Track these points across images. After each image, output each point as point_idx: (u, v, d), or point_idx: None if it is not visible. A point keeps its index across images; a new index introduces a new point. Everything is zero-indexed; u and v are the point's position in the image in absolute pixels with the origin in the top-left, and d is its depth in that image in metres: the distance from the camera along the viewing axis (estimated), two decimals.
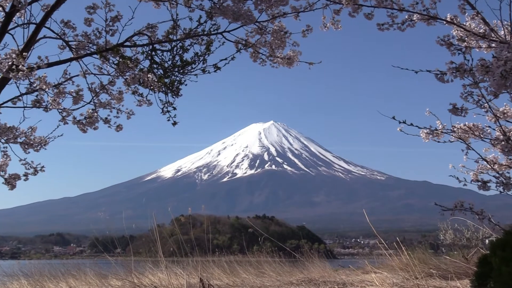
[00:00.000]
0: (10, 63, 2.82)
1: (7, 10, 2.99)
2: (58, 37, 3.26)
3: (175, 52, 3.24)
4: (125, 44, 3.25)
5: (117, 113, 3.41)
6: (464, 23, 3.08)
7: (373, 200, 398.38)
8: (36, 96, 3.13)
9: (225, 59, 3.23)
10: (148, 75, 3.25)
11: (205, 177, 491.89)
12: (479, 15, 3.05)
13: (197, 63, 3.25)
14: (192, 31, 3.22)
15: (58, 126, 3.31)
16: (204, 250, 9.54)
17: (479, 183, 3.39)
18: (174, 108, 3.36)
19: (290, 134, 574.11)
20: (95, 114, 3.34)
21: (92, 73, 3.31)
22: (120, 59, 3.20)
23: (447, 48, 3.03)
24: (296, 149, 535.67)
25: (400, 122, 3.32)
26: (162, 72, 3.29)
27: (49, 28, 3.20)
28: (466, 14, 3.07)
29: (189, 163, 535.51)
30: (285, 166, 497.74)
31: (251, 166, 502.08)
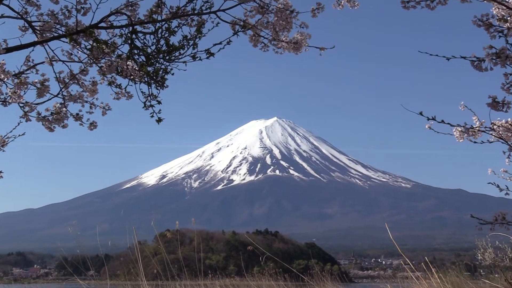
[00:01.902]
0: None
1: None
2: (18, 16, 3.24)
3: (159, 35, 3.22)
4: (99, 25, 3.23)
5: (91, 108, 3.38)
6: (507, 0, 3.06)
7: (397, 212, 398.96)
8: None
9: (220, 43, 3.21)
10: (128, 63, 3.23)
11: (195, 184, 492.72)
12: None
13: (186, 48, 3.22)
14: (180, 10, 3.20)
15: (19, 124, 3.29)
16: (195, 272, 9.56)
17: None
18: (159, 102, 3.34)
19: (298, 133, 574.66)
20: (64, 109, 3.32)
21: (60, 60, 3.29)
22: (94, 43, 3.19)
23: (485, 30, 3.01)
24: (304, 151, 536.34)
25: (428, 119, 3.31)
26: (144, 59, 3.27)
27: (7, 6, 3.18)
28: None
29: (176, 167, 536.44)
30: (291, 171, 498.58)
31: (250, 172, 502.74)
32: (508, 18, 3.02)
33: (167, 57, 3.25)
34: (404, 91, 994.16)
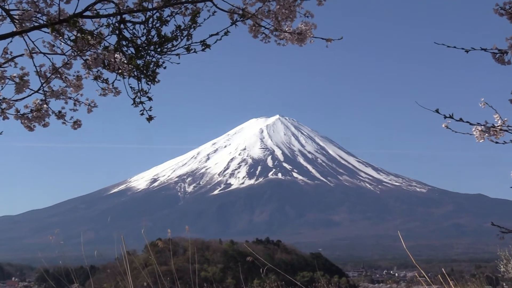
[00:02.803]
0: None
1: None
2: None
3: (150, 25, 3.21)
4: (84, 14, 3.22)
5: (75, 105, 3.37)
6: None
7: (411, 220, 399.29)
8: None
9: (216, 34, 3.20)
10: (115, 55, 3.22)
11: (189, 189, 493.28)
12: None
13: (179, 40, 3.21)
14: None
15: None
16: (189, 285, 9.57)
17: None
18: (150, 99, 3.33)
19: (302, 133, 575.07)
20: (45, 106, 3.30)
21: (41, 52, 3.28)
22: (79, 34, 3.18)
23: (508, 19, 3.01)
24: (309, 152, 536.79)
25: (445, 117, 3.30)
26: (133, 51, 3.25)
27: None
28: None
29: (168, 170, 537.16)
30: (295, 175, 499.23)
31: (250, 175, 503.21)
32: None
33: (159, 49, 3.23)
34: (418, 87, 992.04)
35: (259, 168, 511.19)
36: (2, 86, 3.15)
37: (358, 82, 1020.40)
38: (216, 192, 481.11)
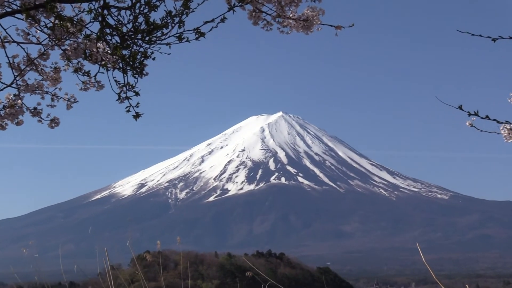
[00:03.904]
0: None
1: None
2: None
3: (137, 11, 3.20)
4: None
5: (52, 100, 3.37)
6: None
7: (431, 230, 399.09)
8: None
9: (212, 21, 3.19)
10: (98, 45, 3.21)
11: (181, 195, 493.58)
12: None
13: (170, 27, 3.20)
14: None
15: None
16: None
17: None
18: (137, 94, 3.33)
19: (308, 132, 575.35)
20: (19, 101, 3.29)
21: (14, 42, 3.27)
22: (56, 21, 3.16)
23: None
24: (316, 154, 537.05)
25: (470, 114, 3.30)
26: (118, 40, 3.24)
27: None
28: None
29: (158, 174, 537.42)
30: (301, 179, 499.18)
31: (250, 179, 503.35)
32: None
33: (147, 38, 3.22)
34: (437, 81, 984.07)
35: (260, 171, 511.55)
36: None
37: (371, 75, 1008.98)
38: (211, 198, 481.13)
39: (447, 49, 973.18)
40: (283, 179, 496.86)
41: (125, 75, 3.29)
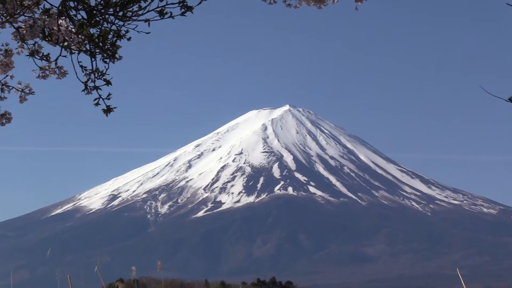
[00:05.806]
0: None
1: None
2: None
3: None
4: None
5: (2, 91, 3.00)
6: None
7: (475, 252, 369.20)
8: None
9: None
10: (60, 21, 2.88)
11: (163, 209, 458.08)
12: None
13: (148, 0, 2.90)
14: None
15: None
16: None
17: None
18: (108, 82, 2.98)
19: (322, 130, 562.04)
20: None
21: None
22: None
23: None
24: (332, 157, 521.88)
25: None
26: (85, 16, 2.91)
27: None
28: None
29: (133, 183, 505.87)
30: (312, 189, 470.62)
31: (249, 189, 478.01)
32: None
33: (120, 13, 2.94)
34: (477, 68, 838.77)
35: (262, 180, 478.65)
36: None
37: (401, 62, 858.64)
38: (200, 213, 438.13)
39: (490, 31, 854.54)
40: (290, 189, 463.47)
41: (93, 59, 3.01)
